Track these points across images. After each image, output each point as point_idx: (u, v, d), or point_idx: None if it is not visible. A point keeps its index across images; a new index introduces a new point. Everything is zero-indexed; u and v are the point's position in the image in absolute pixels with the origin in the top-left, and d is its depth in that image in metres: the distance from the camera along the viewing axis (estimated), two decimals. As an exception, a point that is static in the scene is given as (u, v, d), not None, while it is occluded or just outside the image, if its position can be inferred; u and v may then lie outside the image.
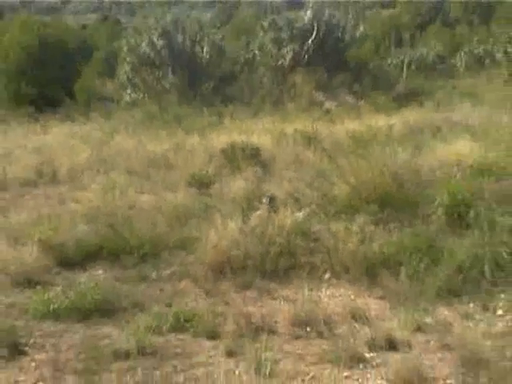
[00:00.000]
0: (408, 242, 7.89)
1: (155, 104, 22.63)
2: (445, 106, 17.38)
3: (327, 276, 7.82)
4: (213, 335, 6.58)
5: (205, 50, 24.87)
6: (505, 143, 10.71)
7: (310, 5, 27.25)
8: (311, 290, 7.49)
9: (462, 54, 29.80)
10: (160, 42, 24.54)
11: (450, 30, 50.67)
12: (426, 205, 8.62)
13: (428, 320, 6.78)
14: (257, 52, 25.78)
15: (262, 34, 26.25)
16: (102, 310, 7.12)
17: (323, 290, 7.55)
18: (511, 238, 7.71)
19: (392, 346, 6.28)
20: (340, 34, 25.83)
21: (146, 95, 24.28)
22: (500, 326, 6.61)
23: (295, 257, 8.13)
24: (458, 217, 8.30)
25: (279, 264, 8.02)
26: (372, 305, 7.19)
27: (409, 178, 9.22)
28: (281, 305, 7.22)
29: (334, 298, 7.38)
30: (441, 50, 32.23)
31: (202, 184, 11.08)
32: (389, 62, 29.61)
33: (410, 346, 6.28)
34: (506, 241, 7.66)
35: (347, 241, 8.05)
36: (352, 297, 7.39)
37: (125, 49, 25.96)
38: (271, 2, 55.47)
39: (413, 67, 28.29)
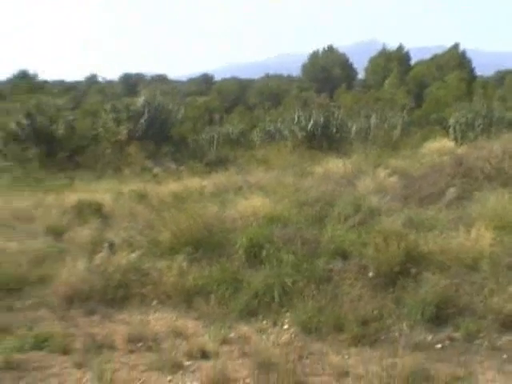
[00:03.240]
0: (216, 275, 8.01)
1: (21, 170, 22.32)
2: (245, 170, 17.73)
3: (154, 303, 7.84)
4: (65, 351, 6.51)
5: (60, 127, 24.76)
6: (288, 198, 11.07)
7: (143, 92, 27.61)
8: (142, 314, 7.50)
9: (258, 130, 30.48)
10: (25, 121, 24.33)
11: (249, 112, 51.95)
12: (231, 246, 8.76)
13: (232, 335, 6.90)
14: (101, 129, 25.71)
15: (104, 115, 26.20)
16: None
17: (151, 314, 7.56)
18: (293, 271, 7.93)
19: (204, 355, 6.38)
20: (166, 115, 26.05)
21: (14, 163, 23.85)
22: (286, 337, 6.78)
23: (130, 288, 8.09)
24: (254, 255, 8.48)
25: (117, 294, 7.97)
26: (189, 324, 7.24)
27: (217, 225, 9.36)
28: (118, 326, 7.19)
29: (159, 320, 7.38)
30: (242, 127, 32.86)
31: (57, 233, 10.86)
32: (203, 136, 29.92)
33: (218, 355, 6.38)
34: (290, 273, 7.89)
35: (169, 275, 8.12)
36: (173, 319, 7.41)
37: (-5, 126, 25.63)
38: (113, 92, 55.27)
39: (221, 140, 28.69)
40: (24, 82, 62.72)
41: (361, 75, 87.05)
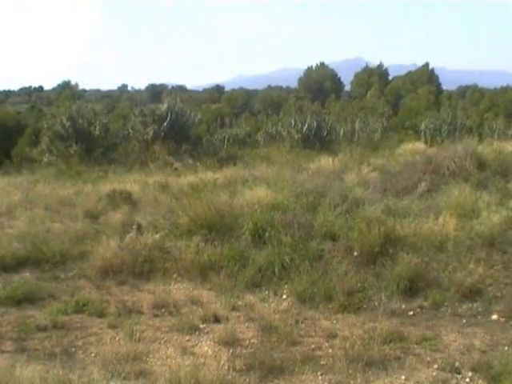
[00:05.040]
0: (226, 253, 8.01)
1: (64, 164, 22.36)
2: (250, 166, 17.64)
3: (175, 276, 7.85)
4: (101, 315, 6.60)
5: (96, 128, 24.69)
6: (286, 190, 11.01)
7: (166, 100, 27.49)
8: (165, 285, 7.52)
9: (261, 132, 30.32)
10: (67, 123, 24.28)
11: (254, 117, 51.80)
12: (239, 229, 8.74)
13: (240, 303, 6.93)
14: (130, 130, 25.61)
15: (133, 118, 26.11)
16: (28, 299, 7.01)
17: (172, 284, 7.58)
18: (291, 250, 7.94)
19: (217, 319, 6.42)
20: (185, 119, 25.92)
21: (58, 158, 23.87)
22: (285, 305, 6.85)
23: (154, 263, 8.11)
24: (258, 236, 8.46)
25: (144, 268, 7.99)
26: (204, 294, 7.27)
27: (227, 212, 9.33)
28: (145, 295, 7.23)
29: (179, 290, 7.40)
30: (248, 129, 32.68)
31: (93, 216, 10.85)
32: (216, 137, 29.81)
33: (228, 320, 6.41)
34: (288, 252, 7.90)
35: (187, 252, 8.12)
36: (191, 289, 7.44)
37: (45, 127, 25.60)
38: (141, 100, 55.40)
39: (231, 140, 28.57)
40: (67, 91, 62.91)
41: (347, 87, 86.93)
